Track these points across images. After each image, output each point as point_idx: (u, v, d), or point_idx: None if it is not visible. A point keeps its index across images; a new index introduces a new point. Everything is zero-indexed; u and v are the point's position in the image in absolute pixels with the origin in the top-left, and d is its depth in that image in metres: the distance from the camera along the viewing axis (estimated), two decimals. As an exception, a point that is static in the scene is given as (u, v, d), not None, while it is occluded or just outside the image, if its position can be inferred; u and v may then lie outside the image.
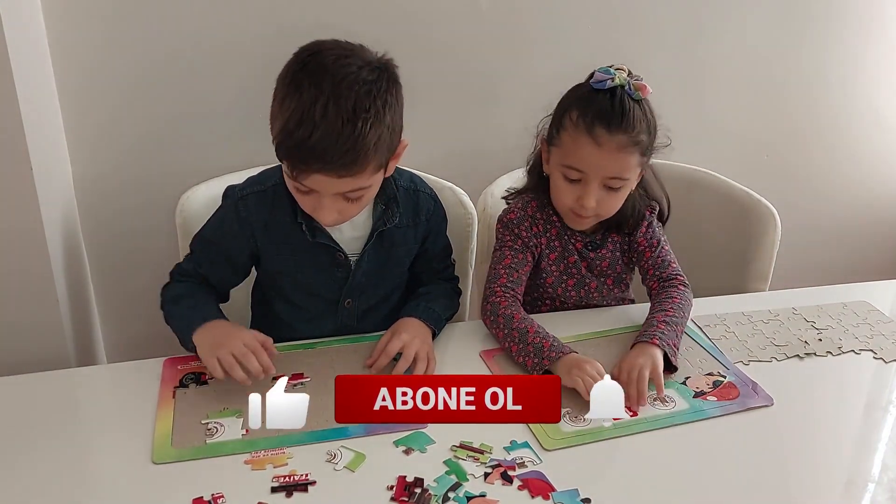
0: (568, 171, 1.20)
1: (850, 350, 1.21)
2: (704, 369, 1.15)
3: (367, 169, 1.04)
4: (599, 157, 1.16)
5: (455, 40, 1.62)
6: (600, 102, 1.16)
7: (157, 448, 0.97)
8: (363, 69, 1.03)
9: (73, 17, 1.40)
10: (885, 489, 0.94)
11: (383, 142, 1.04)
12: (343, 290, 1.23)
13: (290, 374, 1.12)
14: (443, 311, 1.25)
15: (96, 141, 1.51)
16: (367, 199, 1.14)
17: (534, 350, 1.12)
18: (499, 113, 1.72)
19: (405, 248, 1.26)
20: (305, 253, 1.19)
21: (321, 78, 1.01)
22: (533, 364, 1.11)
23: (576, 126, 1.17)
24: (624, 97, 1.17)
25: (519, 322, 1.17)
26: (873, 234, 2.18)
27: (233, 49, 1.51)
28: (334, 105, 0.99)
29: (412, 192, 1.25)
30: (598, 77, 1.18)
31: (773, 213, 1.48)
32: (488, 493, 0.91)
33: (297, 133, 1.00)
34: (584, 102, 1.18)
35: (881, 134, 2.04)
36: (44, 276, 1.32)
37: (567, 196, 1.22)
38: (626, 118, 1.15)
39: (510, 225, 1.29)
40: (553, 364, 1.10)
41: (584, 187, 1.19)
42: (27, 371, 1.14)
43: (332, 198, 1.07)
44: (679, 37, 1.76)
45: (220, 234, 1.20)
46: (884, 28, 1.91)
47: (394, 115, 1.06)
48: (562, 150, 1.20)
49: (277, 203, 1.17)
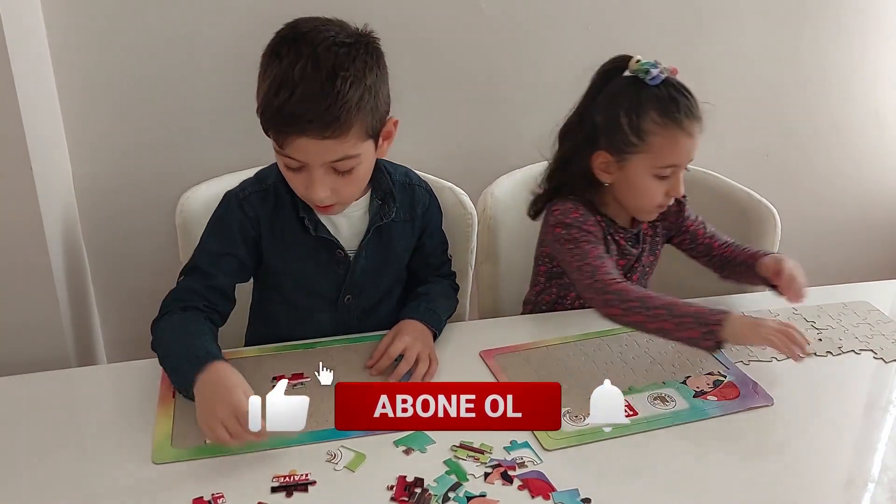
0: (663, 170, 1.22)
1: (850, 350, 1.21)
2: (705, 369, 1.15)
3: (350, 131, 1.03)
4: (691, 146, 1.21)
5: (455, 40, 1.62)
6: (671, 96, 1.19)
7: (157, 448, 0.97)
8: (340, 34, 1.04)
9: (73, 17, 1.40)
10: (885, 489, 0.94)
11: (365, 102, 1.03)
12: (343, 286, 1.23)
13: (290, 374, 1.12)
14: (443, 312, 1.25)
15: (96, 141, 1.51)
16: (361, 177, 1.12)
17: (693, 320, 1.09)
18: (499, 113, 1.72)
19: (403, 242, 1.26)
20: (307, 250, 1.19)
21: (300, 44, 1.02)
22: (701, 334, 1.08)
23: (664, 125, 1.19)
24: (676, 83, 1.21)
25: (656, 299, 1.13)
26: (873, 234, 2.18)
27: (233, 49, 1.51)
28: (313, 66, 1.00)
29: (407, 186, 1.25)
30: (653, 73, 1.19)
31: (774, 214, 1.47)
32: (488, 493, 0.91)
33: (279, 97, 1.00)
34: (657, 100, 1.19)
35: (881, 134, 2.04)
36: (44, 276, 1.32)
37: (657, 194, 1.24)
38: (695, 101, 1.21)
39: (577, 222, 1.25)
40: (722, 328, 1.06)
41: (675, 177, 1.23)
42: (27, 371, 1.14)
43: (323, 170, 1.06)
44: (679, 36, 1.76)
45: (228, 239, 1.17)
46: (884, 28, 1.91)
47: (375, 80, 1.06)
48: (652, 153, 1.20)
49: (279, 201, 1.17)
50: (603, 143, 1.23)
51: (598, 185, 1.27)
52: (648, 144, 1.20)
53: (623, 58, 1.23)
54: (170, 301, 1.13)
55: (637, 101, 1.20)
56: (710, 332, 1.07)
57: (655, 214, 1.30)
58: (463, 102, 1.68)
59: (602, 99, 1.24)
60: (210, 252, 1.16)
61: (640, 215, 1.31)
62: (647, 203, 1.26)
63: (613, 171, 1.25)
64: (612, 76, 1.24)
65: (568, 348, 1.20)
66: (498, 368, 1.15)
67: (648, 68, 1.19)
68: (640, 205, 1.27)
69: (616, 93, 1.22)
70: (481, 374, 1.14)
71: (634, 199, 1.27)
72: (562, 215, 1.27)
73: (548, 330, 1.25)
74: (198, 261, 1.16)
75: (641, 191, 1.24)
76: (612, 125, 1.22)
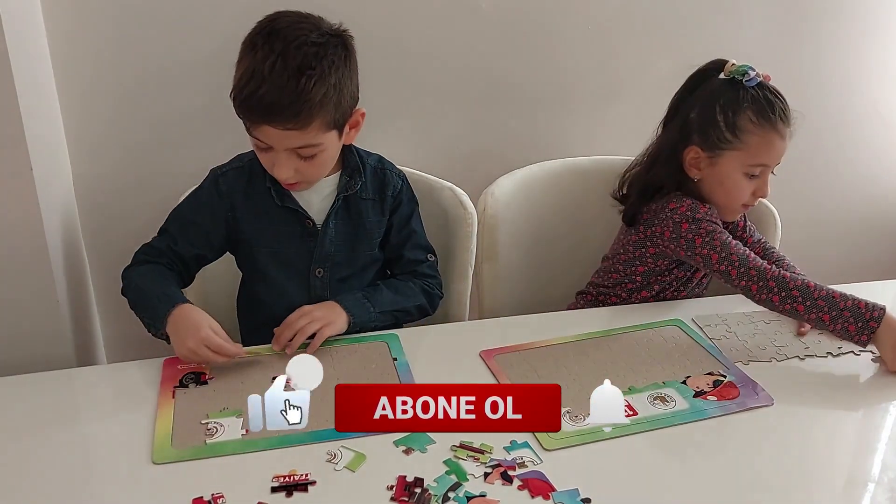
0: (754, 168, 1.26)
1: (849, 351, 1.21)
2: (705, 369, 1.15)
3: (312, 124, 1.11)
4: (782, 148, 1.26)
5: (455, 40, 1.62)
6: (767, 98, 1.24)
7: (157, 448, 0.97)
8: (313, 33, 1.13)
9: (73, 17, 1.40)
10: (885, 489, 0.94)
11: (329, 99, 1.12)
12: (312, 258, 1.27)
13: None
14: (380, 305, 1.25)
15: (96, 141, 1.51)
16: (324, 162, 1.19)
17: (852, 315, 1.14)
18: (499, 113, 1.72)
19: (373, 220, 1.29)
20: (278, 220, 1.25)
21: (274, 39, 1.11)
22: (856, 329, 1.14)
23: (761, 126, 1.24)
24: (772, 87, 1.26)
25: (815, 290, 1.18)
26: (873, 233, 2.17)
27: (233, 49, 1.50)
28: (282, 62, 1.09)
29: (379, 170, 1.31)
30: (751, 75, 1.24)
31: (774, 213, 1.48)
32: (488, 493, 0.91)
33: (248, 87, 1.10)
34: (754, 101, 1.24)
35: (882, 133, 2.04)
36: (44, 276, 1.32)
37: (745, 192, 1.28)
38: (788, 106, 1.26)
39: (706, 217, 1.28)
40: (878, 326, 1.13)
41: (762, 178, 1.27)
42: (28, 371, 1.14)
43: (287, 154, 1.15)
44: (678, 36, 1.76)
45: (198, 209, 1.26)
46: (885, 26, 1.91)
47: (341, 77, 1.14)
48: (745, 151, 1.25)
49: (254, 175, 1.25)
50: (695, 139, 1.27)
51: (686, 181, 1.30)
52: (743, 142, 1.24)
53: (719, 61, 1.29)
54: (140, 254, 1.27)
55: (734, 100, 1.25)
56: (866, 327, 1.14)
57: (740, 214, 1.34)
58: (463, 103, 1.68)
59: (698, 96, 1.28)
60: (179, 218, 1.27)
61: (725, 213, 1.33)
62: (734, 200, 1.29)
63: (703, 167, 1.28)
64: (706, 77, 1.29)
65: (568, 348, 1.20)
66: (498, 368, 1.15)
67: (746, 70, 1.24)
68: (728, 202, 1.30)
69: (713, 91, 1.27)
70: (481, 374, 1.14)
71: (723, 196, 1.30)
72: (689, 211, 1.28)
73: (548, 330, 1.25)
74: (169, 224, 1.28)
75: (730, 187, 1.28)
76: (708, 121, 1.26)
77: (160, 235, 1.28)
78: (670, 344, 1.22)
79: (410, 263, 1.33)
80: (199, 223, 1.26)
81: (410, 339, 1.22)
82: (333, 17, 1.47)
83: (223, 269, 1.35)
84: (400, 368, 1.14)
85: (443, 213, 1.37)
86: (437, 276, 1.36)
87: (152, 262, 1.25)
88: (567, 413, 1.03)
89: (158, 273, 1.23)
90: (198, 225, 1.26)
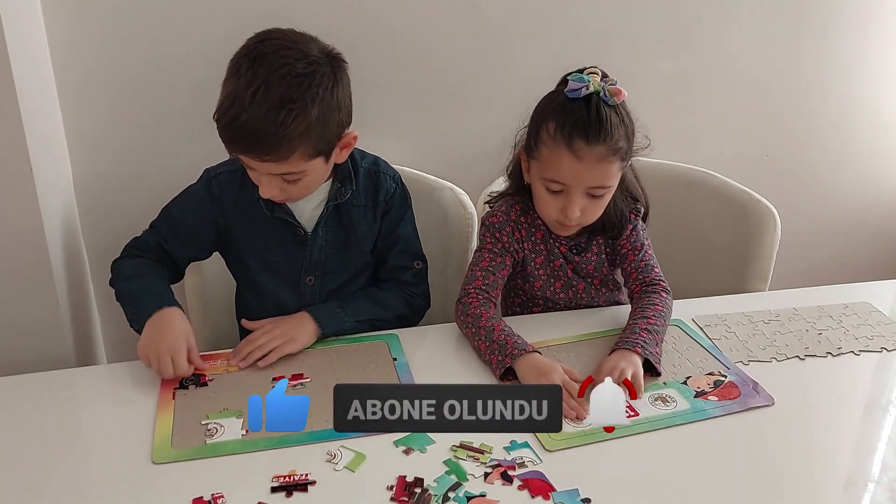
0: (550, 183, 1.18)
1: (849, 351, 1.21)
2: (705, 369, 1.15)
3: (291, 157, 1.09)
4: (581, 170, 1.15)
5: (454, 41, 1.62)
6: (577, 113, 1.13)
7: (157, 448, 0.97)
8: (300, 62, 1.08)
9: (73, 17, 1.40)
10: (885, 489, 0.94)
11: (311, 132, 1.09)
12: (303, 266, 1.26)
13: (290, 374, 1.12)
14: (354, 315, 1.24)
15: (96, 141, 1.51)
16: (309, 183, 1.17)
17: (498, 347, 1.12)
18: (498, 113, 1.71)
19: (364, 227, 1.27)
20: (269, 229, 1.24)
21: (259, 65, 1.07)
22: (497, 361, 1.11)
23: (554, 140, 1.15)
24: (600, 105, 1.13)
25: (486, 321, 1.17)
26: (873, 234, 2.17)
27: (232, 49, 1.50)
28: (264, 92, 1.05)
29: (373, 173, 1.28)
30: (572, 85, 1.14)
31: (773, 213, 1.48)
32: (488, 493, 0.91)
33: (230, 113, 1.07)
34: (560, 114, 1.15)
35: (881, 133, 2.04)
36: (44, 275, 1.32)
37: (551, 207, 1.20)
38: (604, 128, 1.12)
39: (492, 228, 1.27)
40: (515, 361, 1.10)
41: (568, 198, 1.17)
42: (27, 371, 1.14)
43: (269, 177, 1.13)
44: (678, 37, 1.76)
45: (189, 210, 1.25)
46: (884, 28, 1.91)
47: (326, 108, 1.10)
48: (541, 163, 1.18)
49: (246, 181, 1.21)
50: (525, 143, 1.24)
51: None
52: (540, 153, 1.19)
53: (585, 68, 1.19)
54: (130, 248, 1.26)
55: (548, 109, 1.18)
56: (502, 362, 1.11)
57: (559, 230, 1.25)
58: (463, 103, 1.68)
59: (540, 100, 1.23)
60: (170, 217, 1.26)
61: (549, 226, 1.27)
62: (544, 212, 1.24)
63: (527, 172, 1.25)
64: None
65: (568, 348, 1.20)
66: (497, 368, 1.15)
67: (570, 80, 1.15)
68: (541, 212, 1.25)
69: (547, 96, 1.21)
70: (481, 374, 1.14)
71: (537, 207, 1.25)
72: (487, 216, 1.28)
73: (548, 330, 1.25)
74: (160, 222, 1.27)
75: (537, 199, 1.23)
76: (530, 125, 1.22)
77: (151, 230, 1.27)
78: (670, 344, 1.22)
79: (395, 270, 1.31)
80: (189, 224, 1.25)
81: (410, 339, 1.22)
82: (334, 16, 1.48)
83: (223, 267, 1.35)
84: (400, 368, 1.14)
85: (443, 213, 1.37)
86: (421, 284, 1.33)
87: (143, 256, 1.24)
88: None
89: (150, 268, 1.22)
90: (188, 226, 1.25)
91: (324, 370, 1.14)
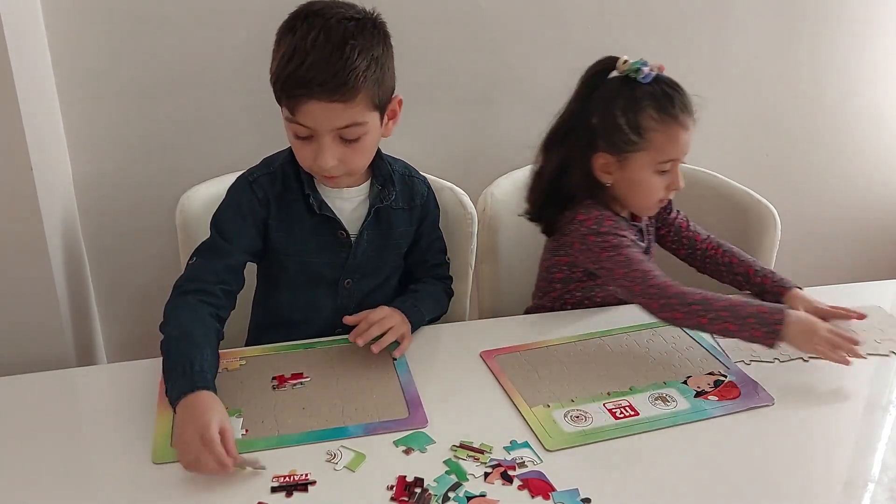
0: (663, 164, 1.24)
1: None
2: (706, 369, 1.15)
3: (357, 97, 1.08)
4: (688, 139, 1.24)
5: (455, 40, 1.62)
6: (664, 92, 1.22)
7: (157, 448, 0.97)
8: (350, 10, 1.12)
9: (74, 17, 1.41)
10: (885, 489, 0.94)
11: (373, 72, 1.09)
12: (343, 269, 1.25)
13: (290, 374, 1.12)
14: (427, 312, 1.26)
15: (96, 141, 1.51)
16: (367, 147, 1.16)
17: (756, 321, 1.11)
18: (499, 114, 1.72)
19: (402, 229, 1.28)
20: (311, 229, 1.22)
21: (312, 18, 1.09)
22: (764, 334, 1.11)
23: (663, 122, 1.21)
24: (667, 79, 1.23)
25: (715, 301, 1.14)
26: (873, 234, 2.18)
27: (232, 49, 1.51)
28: (325, 36, 1.07)
29: (407, 177, 1.30)
30: (644, 72, 1.21)
31: (773, 213, 1.47)
32: (488, 492, 0.90)
33: (291, 64, 1.07)
34: (652, 98, 1.21)
35: (881, 133, 2.04)
36: (44, 276, 1.32)
37: (659, 189, 1.26)
38: (686, 95, 1.23)
39: (612, 230, 1.25)
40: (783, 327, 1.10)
41: (673, 173, 1.25)
42: (27, 371, 1.14)
43: (331, 138, 1.11)
44: (678, 37, 1.76)
45: (242, 220, 1.19)
46: (883, 28, 1.91)
47: (382, 53, 1.12)
48: (655, 150, 1.22)
49: (286, 180, 1.21)
50: (602, 145, 1.24)
51: (599, 187, 1.28)
52: (648, 141, 1.21)
53: (609, 59, 1.24)
54: (184, 281, 1.14)
55: (633, 100, 1.21)
56: (772, 331, 1.11)
57: (657, 209, 1.32)
58: (463, 103, 1.68)
59: (596, 101, 1.24)
60: (223, 231, 1.18)
61: (642, 211, 1.33)
62: (649, 199, 1.28)
63: (614, 171, 1.26)
64: (600, 78, 1.25)
65: (568, 348, 1.20)
66: (498, 369, 1.15)
67: (640, 67, 1.21)
68: (643, 201, 1.29)
69: (610, 93, 1.23)
70: (481, 374, 1.14)
71: (638, 197, 1.28)
72: (595, 224, 1.26)
73: (548, 330, 1.25)
74: (212, 241, 1.18)
75: (644, 187, 1.26)
76: (610, 126, 1.22)
77: (202, 256, 1.17)
78: (671, 344, 1.22)
79: (434, 267, 1.36)
80: (243, 232, 1.19)
81: (410, 339, 1.22)
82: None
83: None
84: (399, 368, 1.14)
85: (443, 213, 1.37)
86: (451, 275, 1.39)
87: (200, 298, 1.11)
88: (567, 413, 1.03)
89: (199, 326, 1.08)
90: (243, 234, 1.19)
91: (324, 370, 1.14)
